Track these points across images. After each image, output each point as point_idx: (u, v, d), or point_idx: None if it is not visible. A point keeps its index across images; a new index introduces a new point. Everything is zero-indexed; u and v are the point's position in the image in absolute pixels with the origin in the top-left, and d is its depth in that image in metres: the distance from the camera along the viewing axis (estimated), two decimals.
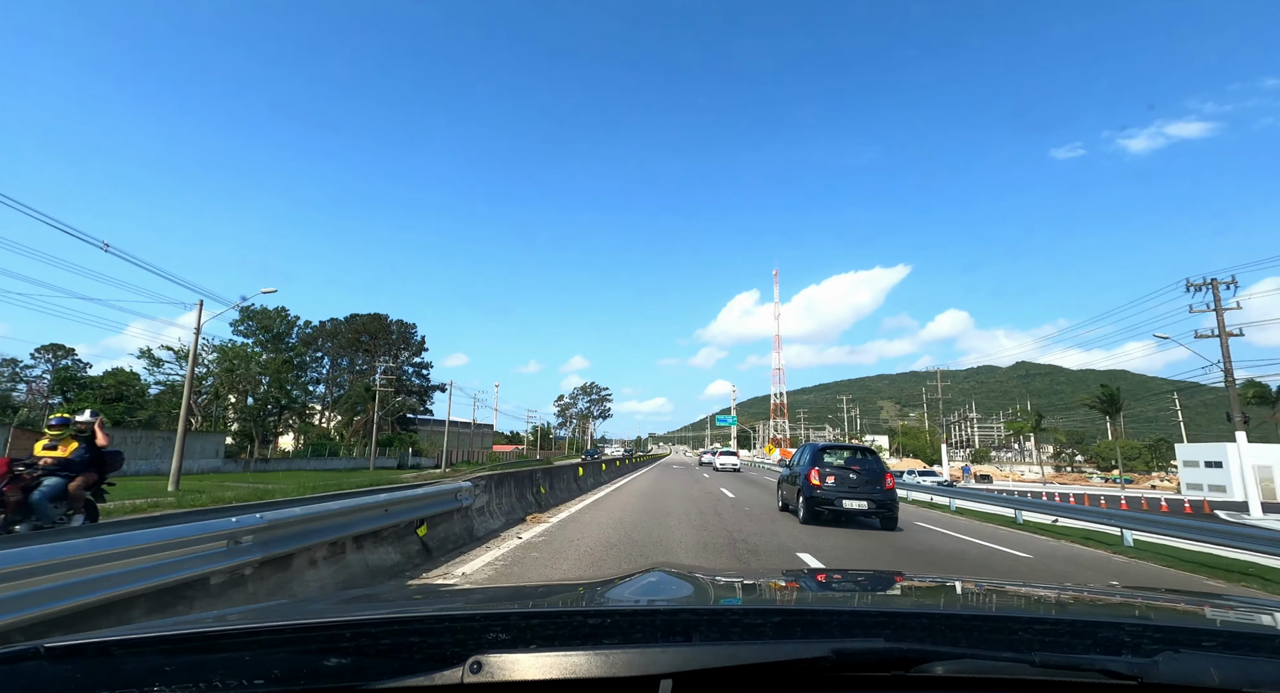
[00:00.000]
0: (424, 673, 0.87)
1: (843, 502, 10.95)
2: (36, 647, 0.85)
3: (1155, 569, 9.17)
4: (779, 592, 1.67)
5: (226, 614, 1.40)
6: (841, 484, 11.21)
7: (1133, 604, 1.51)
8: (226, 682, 0.84)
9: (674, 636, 1.00)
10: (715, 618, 1.13)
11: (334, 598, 2.49)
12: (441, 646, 0.93)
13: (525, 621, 1.05)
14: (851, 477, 11.31)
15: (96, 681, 0.85)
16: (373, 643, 0.94)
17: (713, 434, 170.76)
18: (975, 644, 0.99)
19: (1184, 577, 8.83)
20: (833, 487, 11.17)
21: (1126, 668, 0.90)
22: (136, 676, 0.85)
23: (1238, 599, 1.57)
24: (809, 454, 12.18)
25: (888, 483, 11.35)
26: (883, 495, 11.16)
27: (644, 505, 13.74)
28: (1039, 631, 1.05)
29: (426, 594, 1.91)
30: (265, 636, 0.97)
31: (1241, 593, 7.48)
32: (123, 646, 0.91)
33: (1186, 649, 0.94)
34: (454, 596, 1.81)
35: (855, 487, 11.17)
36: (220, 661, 0.91)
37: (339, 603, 1.64)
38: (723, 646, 0.95)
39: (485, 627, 1.00)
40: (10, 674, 0.84)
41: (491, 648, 0.90)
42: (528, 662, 0.88)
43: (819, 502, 11.10)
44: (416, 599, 1.68)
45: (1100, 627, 1.09)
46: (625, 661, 0.88)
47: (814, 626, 1.10)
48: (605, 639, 0.97)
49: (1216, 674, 0.88)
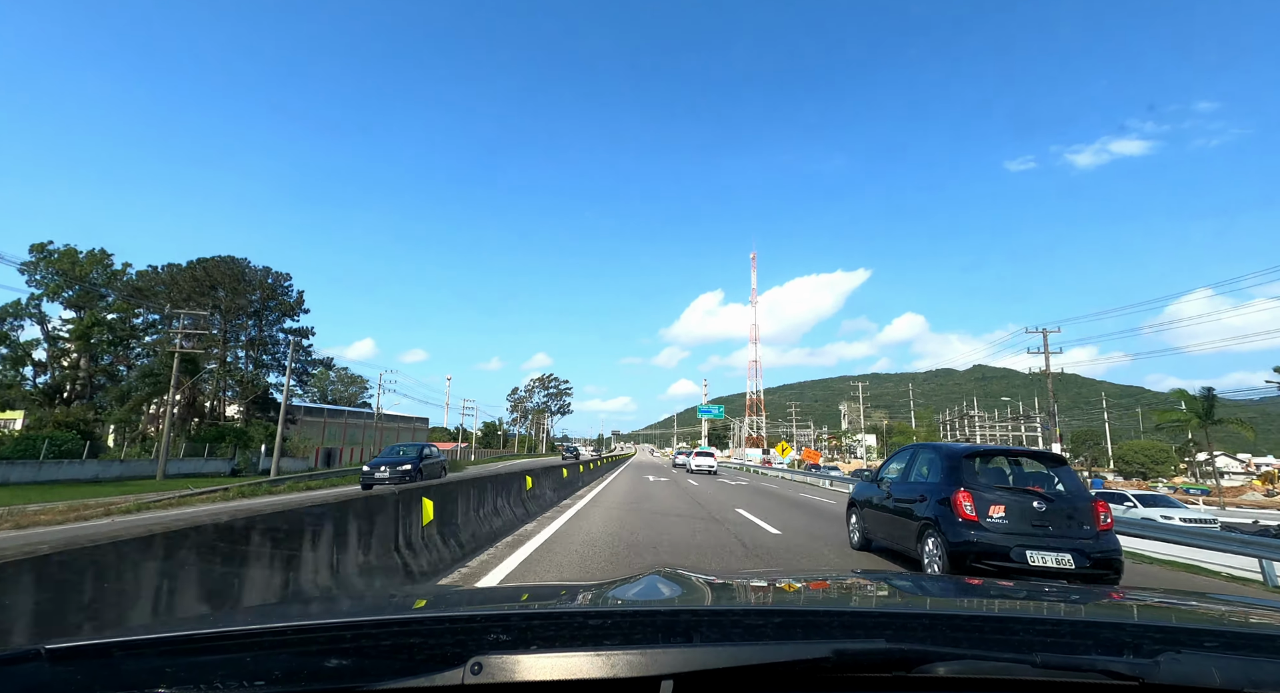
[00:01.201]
0: (425, 674, 0.87)
1: (1027, 555, 5.97)
2: (37, 648, 0.84)
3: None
4: (780, 593, 1.67)
5: (226, 615, 1.37)
6: (1021, 520, 6.24)
7: (1134, 605, 1.53)
8: (227, 683, 0.84)
9: (675, 636, 1.00)
10: (716, 619, 1.13)
11: (334, 599, 2.62)
12: (442, 646, 0.93)
13: (526, 621, 1.05)
14: (1036, 508, 6.29)
15: (97, 682, 0.85)
16: (373, 644, 0.94)
17: (680, 433, 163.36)
18: (976, 645, 1.00)
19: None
20: (1004, 526, 6.21)
21: (1128, 669, 0.91)
22: (137, 677, 0.85)
23: (1239, 599, 1.56)
24: (943, 462, 6.93)
25: (1100, 519, 6.32)
26: (1096, 544, 6.20)
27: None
28: (1040, 631, 1.07)
29: (427, 595, 1.92)
30: (266, 637, 0.97)
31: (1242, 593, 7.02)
32: (123, 647, 0.90)
33: (1188, 650, 0.95)
34: (455, 596, 1.87)
35: (1046, 526, 6.23)
36: (221, 662, 0.90)
37: (339, 604, 1.69)
38: (724, 646, 0.95)
39: (486, 628, 0.99)
40: (10, 676, 0.83)
41: (492, 649, 0.90)
42: (529, 663, 0.88)
43: (982, 552, 6.09)
44: (417, 600, 1.67)
45: (1101, 627, 1.12)
46: (626, 661, 0.88)
47: (815, 626, 1.11)
48: (606, 640, 0.96)
49: (1218, 675, 0.89)
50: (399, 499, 5.20)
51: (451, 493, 6.73)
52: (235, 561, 3.01)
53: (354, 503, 4.50)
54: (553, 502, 12.67)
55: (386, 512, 4.95)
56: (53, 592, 2.08)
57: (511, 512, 9.19)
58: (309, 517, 3.74)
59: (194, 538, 2.72)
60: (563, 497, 14.09)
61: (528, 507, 10.30)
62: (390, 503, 5.04)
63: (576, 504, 13.11)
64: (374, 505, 4.76)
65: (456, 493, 6.90)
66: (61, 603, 2.12)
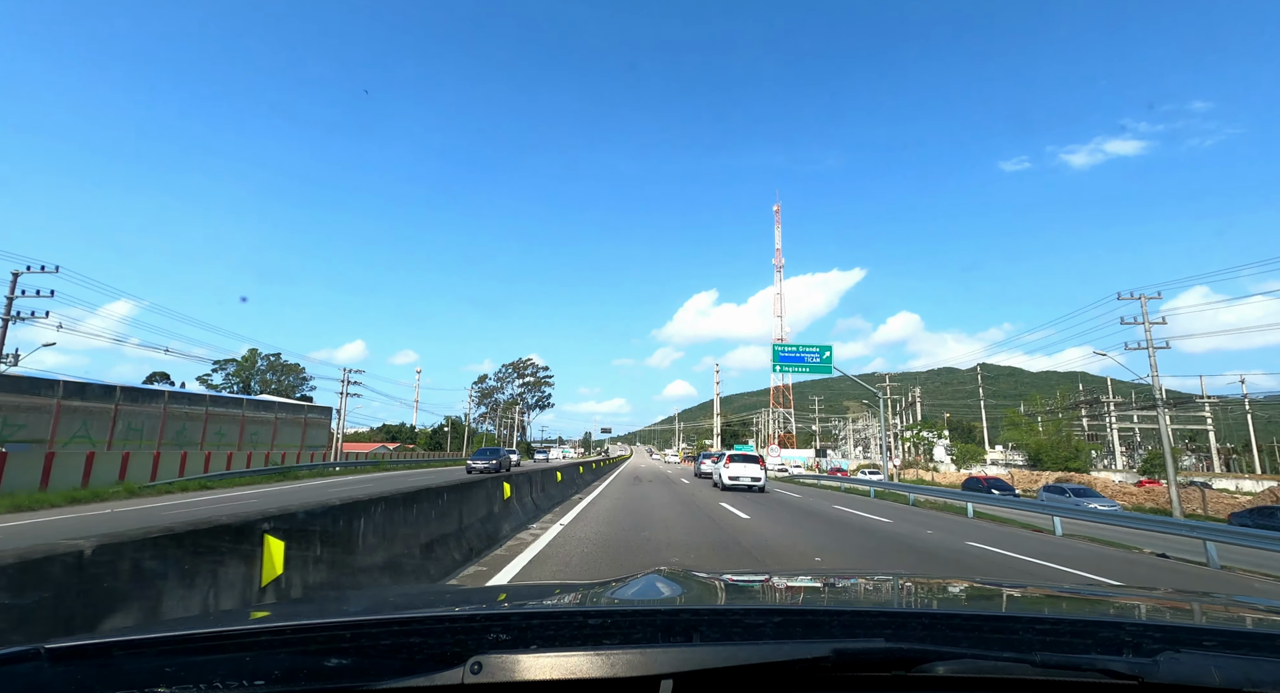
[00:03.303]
0: (424, 674, 0.87)
1: None
2: (37, 648, 0.84)
3: None
4: (779, 592, 1.67)
5: (227, 615, 1.34)
6: None
7: (1133, 604, 1.52)
8: (227, 683, 0.84)
9: (674, 636, 1.00)
10: (716, 618, 1.13)
11: (334, 599, 2.53)
12: (442, 646, 0.93)
13: (526, 621, 1.05)
14: None
15: (97, 682, 0.85)
16: (373, 644, 0.94)
17: (684, 429, 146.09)
18: (976, 644, 0.99)
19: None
20: None
21: (1127, 668, 0.91)
22: (137, 677, 0.85)
23: (1239, 599, 1.55)
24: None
25: None
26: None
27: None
28: (1040, 631, 1.06)
29: (427, 595, 1.92)
30: (265, 636, 0.96)
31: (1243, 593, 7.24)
32: (123, 647, 0.90)
33: (1187, 649, 0.95)
34: (454, 596, 1.90)
35: None
36: (220, 662, 0.90)
37: (339, 603, 1.66)
38: (723, 646, 0.95)
39: (486, 627, 0.99)
40: (10, 676, 0.83)
41: (492, 649, 0.91)
42: (528, 662, 0.88)
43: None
44: (417, 600, 1.68)
45: (1101, 627, 1.11)
46: (626, 661, 0.88)
47: (815, 626, 1.10)
48: (606, 640, 0.97)
49: (1218, 674, 0.89)
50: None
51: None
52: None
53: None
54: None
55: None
56: None
57: None
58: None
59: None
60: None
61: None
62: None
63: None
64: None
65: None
66: None
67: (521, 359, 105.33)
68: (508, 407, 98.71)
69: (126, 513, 14.72)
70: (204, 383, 74.30)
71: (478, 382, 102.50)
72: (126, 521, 12.85)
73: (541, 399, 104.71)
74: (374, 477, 32.76)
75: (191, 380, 72.92)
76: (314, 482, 27.60)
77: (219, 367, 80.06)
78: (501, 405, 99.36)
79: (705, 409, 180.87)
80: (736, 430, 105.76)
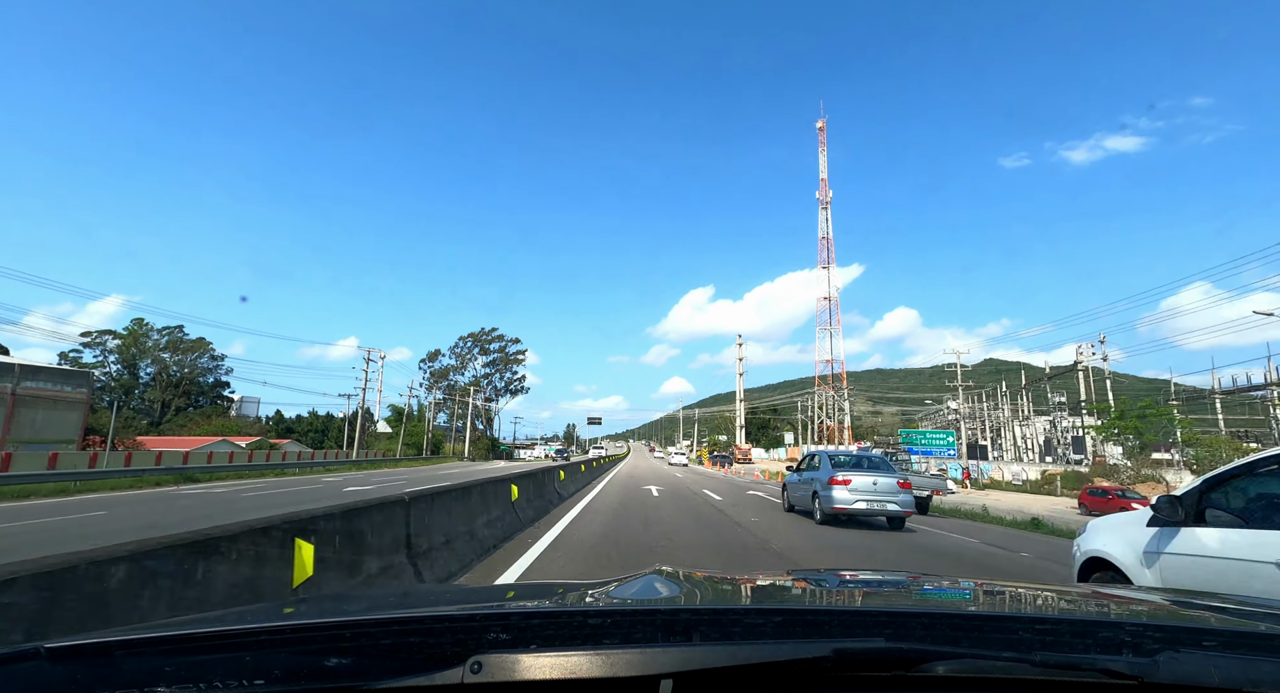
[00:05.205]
0: (424, 673, 0.87)
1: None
2: (37, 647, 0.84)
3: None
4: (779, 592, 1.66)
5: (227, 615, 1.37)
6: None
7: (1133, 604, 1.51)
8: (227, 682, 0.84)
9: (674, 635, 1.00)
10: (715, 618, 1.13)
11: (334, 597, 2.52)
12: (442, 646, 0.93)
13: (525, 621, 1.05)
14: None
15: (97, 681, 0.84)
16: (373, 643, 0.94)
17: (685, 420, 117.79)
18: (976, 644, 0.99)
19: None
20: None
21: (1127, 668, 0.90)
22: (137, 676, 0.85)
23: (1239, 599, 1.54)
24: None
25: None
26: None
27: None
28: (1040, 631, 1.06)
29: (427, 594, 1.96)
30: (265, 636, 0.96)
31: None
32: (123, 646, 0.90)
33: (1187, 649, 0.95)
34: (454, 595, 1.86)
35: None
36: (220, 661, 0.90)
37: (339, 602, 1.65)
38: (723, 645, 0.95)
39: (486, 627, 0.99)
40: (10, 675, 0.83)
41: (492, 648, 0.90)
42: (528, 662, 0.88)
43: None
44: (416, 599, 1.68)
45: (1101, 627, 1.11)
46: (625, 661, 0.88)
47: (814, 625, 1.10)
48: (605, 639, 0.97)
49: (1217, 674, 0.89)
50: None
51: None
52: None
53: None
54: None
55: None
56: None
57: None
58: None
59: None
60: None
61: None
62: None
63: None
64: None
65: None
66: None
67: (485, 329, 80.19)
68: (464, 392, 72.59)
69: None
70: (73, 364, 51.13)
71: (428, 359, 77.03)
72: None
73: (513, 381, 79.44)
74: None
75: (48, 360, 45.86)
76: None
77: (92, 341, 58.02)
78: (459, 390, 74.29)
79: (710, 402, 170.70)
80: (766, 419, 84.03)
